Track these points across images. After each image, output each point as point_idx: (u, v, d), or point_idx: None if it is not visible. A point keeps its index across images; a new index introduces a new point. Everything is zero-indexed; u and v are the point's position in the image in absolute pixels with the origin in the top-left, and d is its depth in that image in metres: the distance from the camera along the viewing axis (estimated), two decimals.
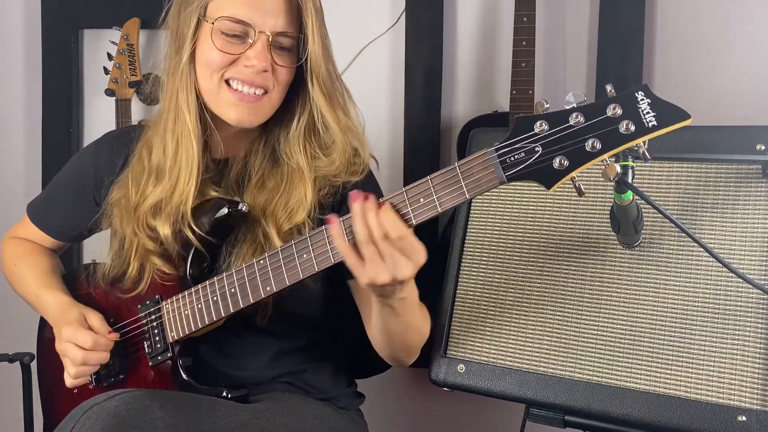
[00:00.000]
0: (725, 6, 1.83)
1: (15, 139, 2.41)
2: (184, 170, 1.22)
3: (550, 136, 0.91)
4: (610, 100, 0.90)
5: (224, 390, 1.18)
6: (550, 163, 0.91)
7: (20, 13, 2.38)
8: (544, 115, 0.92)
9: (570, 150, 0.91)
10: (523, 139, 0.92)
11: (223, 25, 1.17)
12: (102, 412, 0.97)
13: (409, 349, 1.21)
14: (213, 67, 1.19)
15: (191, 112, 1.21)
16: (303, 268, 1.08)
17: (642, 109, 0.89)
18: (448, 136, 2.06)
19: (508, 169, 0.93)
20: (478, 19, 2.04)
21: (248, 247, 1.22)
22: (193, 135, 1.21)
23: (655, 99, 0.89)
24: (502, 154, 0.94)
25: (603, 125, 0.90)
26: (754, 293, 1.06)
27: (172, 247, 1.23)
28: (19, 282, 1.43)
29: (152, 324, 1.25)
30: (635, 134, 0.88)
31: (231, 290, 1.15)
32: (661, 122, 0.88)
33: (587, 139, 0.90)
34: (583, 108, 0.91)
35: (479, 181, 0.95)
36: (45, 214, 1.45)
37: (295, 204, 1.22)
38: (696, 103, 1.74)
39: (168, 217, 1.22)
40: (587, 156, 0.90)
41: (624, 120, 0.89)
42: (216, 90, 1.20)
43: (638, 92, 0.89)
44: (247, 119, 1.21)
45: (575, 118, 0.90)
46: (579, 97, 0.92)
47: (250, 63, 1.17)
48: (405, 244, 0.97)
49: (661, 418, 1.06)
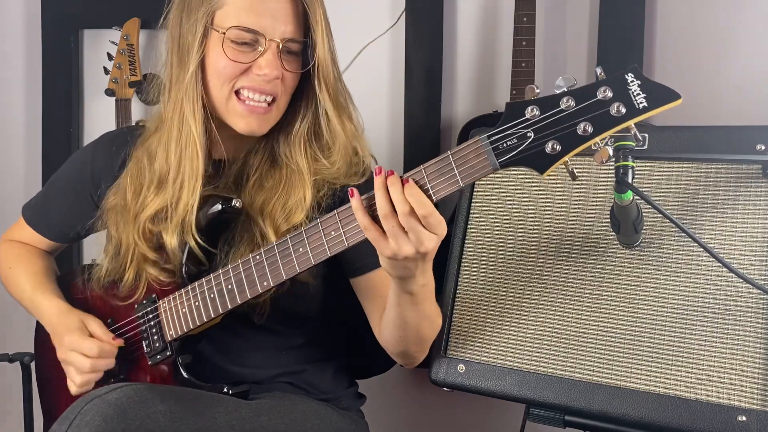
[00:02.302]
0: (725, 6, 1.83)
1: (15, 139, 2.41)
2: (188, 180, 1.21)
3: (542, 121, 0.91)
4: (601, 83, 0.90)
5: (225, 386, 1.18)
6: (543, 148, 0.91)
7: (20, 13, 2.38)
8: (535, 100, 0.92)
9: (562, 134, 0.90)
10: (515, 125, 0.92)
11: (233, 34, 1.16)
12: (103, 404, 0.98)
13: (422, 343, 1.19)
14: (224, 78, 1.19)
15: (197, 121, 1.20)
16: (299, 261, 1.08)
17: (632, 90, 0.88)
18: (448, 136, 2.06)
19: (500, 155, 0.93)
20: (478, 19, 2.04)
21: (245, 247, 1.22)
22: (198, 144, 1.21)
23: (645, 80, 0.88)
24: (494, 141, 0.93)
25: (594, 108, 0.89)
26: (754, 293, 1.06)
27: (176, 256, 1.23)
28: (14, 286, 1.42)
29: (150, 323, 1.25)
30: (626, 116, 0.88)
31: (228, 286, 1.15)
32: (651, 103, 0.88)
33: (579, 122, 0.90)
34: (574, 92, 0.90)
35: (472, 169, 0.95)
36: (41, 215, 1.45)
37: (293, 205, 1.22)
38: (696, 103, 1.74)
39: (175, 229, 1.22)
40: (579, 139, 0.90)
41: (615, 102, 0.88)
42: (225, 100, 1.20)
43: (628, 74, 0.89)
44: (256, 129, 1.21)
45: (566, 102, 0.90)
46: (569, 81, 0.92)
47: (262, 72, 1.17)
48: (430, 220, 0.96)
49: (661, 418, 1.06)
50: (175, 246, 1.22)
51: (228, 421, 1.08)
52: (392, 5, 2.08)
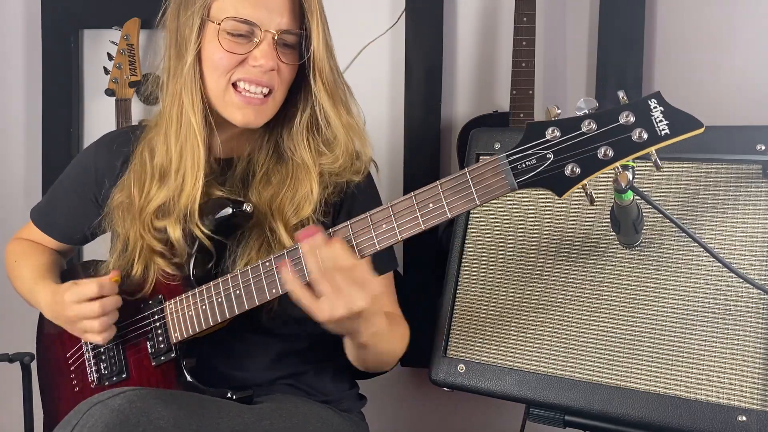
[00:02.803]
0: (725, 6, 1.83)
1: (15, 139, 2.41)
2: (190, 171, 1.22)
3: (562, 143, 0.91)
4: (623, 108, 0.89)
5: (229, 391, 1.18)
6: (562, 170, 0.91)
7: (20, 13, 2.38)
8: (556, 121, 0.91)
9: (582, 157, 0.90)
10: (535, 146, 0.92)
11: (228, 25, 1.17)
12: (105, 409, 0.97)
13: (384, 367, 1.27)
14: (221, 70, 1.19)
15: (196, 113, 1.21)
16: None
17: (655, 117, 0.88)
18: (448, 136, 2.06)
19: (519, 175, 0.93)
20: (478, 19, 2.04)
21: (254, 242, 1.22)
22: (198, 136, 1.21)
23: (668, 107, 0.88)
24: (513, 161, 0.93)
25: (615, 133, 0.89)
26: (754, 293, 1.06)
27: (181, 247, 1.23)
28: (18, 278, 1.43)
29: (155, 324, 1.25)
30: (648, 142, 0.88)
31: (236, 292, 1.15)
32: (674, 131, 0.88)
33: (600, 146, 0.89)
34: (596, 115, 0.90)
35: (490, 188, 0.95)
36: (48, 217, 1.45)
37: (301, 198, 1.22)
38: (696, 103, 1.74)
39: (177, 220, 1.22)
40: (599, 163, 0.90)
41: (637, 128, 0.88)
42: (222, 92, 1.21)
43: (651, 100, 0.89)
44: (253, 121, 1.22)
45: (587, 125, 0.90)
46: (591, 103, 0.91)
47: (258, 63, 1.17)
48: (356, 273, 0.98)
49: (661, 418, 1.06)
50: (179, 237, 1.22)
51: (231, 427, 1.08)
52: (392, 5, 2.08)
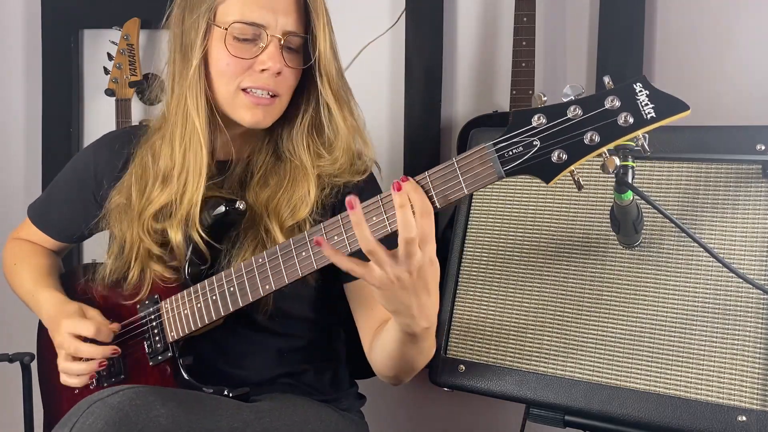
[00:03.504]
0: (725, 5, 1.83)
1: (15, 139, 2.41)
2: (193, 175, 1.21)
3: (548, 130, 0.91)
4: (608, 92, 0.89)
5: (225, 389, 1.18)
6: (549, 157, 0.91)
7: (20, 13, 2.38)
8: (542, 108, 0.92)
9: (568, 143, 0.90)
10: (521, 133, 0.92)
11: (235, 29, 1.17)
12: (105, 407, 0.97)
13: (413, 372, 1.19)
14: (229, 75, 1.19)
15: (201, 116, 1.21)
16: (302, 266, 1.08)
17: (640, 100, 0.88)
18: (448, 136, 2.06)
19: (506, 163, 0.93)
20: (478, 19, 2.04)
21: (249, 243, 1.22)
22: (202, 139, 1.21)
23: (654, 90, 0.88)
24: (500, 149, 0.93)
25: (601, 117, 0.89)
26: (754, 293, 1.06)
27: (181, 251, 1.23)
28: (17, 282, 1.43)
29: (152, 324, 1.25)
30: (634, 126, 0.88)
31: (230, 289, 1.15)
32: (659, 114, 0.87)
33: (586, 131, 0.89)
34: (581, 100, 0.90)
35: (477, 176, 0.94)
36: (46, 214, 1.45)
37: (298, 200, 1.22)
38: (696, 102, 1.74)
39: (179, 224, 1.22)
40: (586, 149, 0.90)
41: (622, 112, 0.88)
42: (232, 96, 1.21)
43: (636, 84, 0.88)
44: (262, 121, 1.22)
45: (573, 110, 0.90)
46: (577, 89, 0.91)
47: (265, 66, 1.17)
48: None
49: (661, 418, 1.06)
50: (180, 241, 1.22)
51: (230, 424, 1.08)
52: (392, 5, 2.08)
